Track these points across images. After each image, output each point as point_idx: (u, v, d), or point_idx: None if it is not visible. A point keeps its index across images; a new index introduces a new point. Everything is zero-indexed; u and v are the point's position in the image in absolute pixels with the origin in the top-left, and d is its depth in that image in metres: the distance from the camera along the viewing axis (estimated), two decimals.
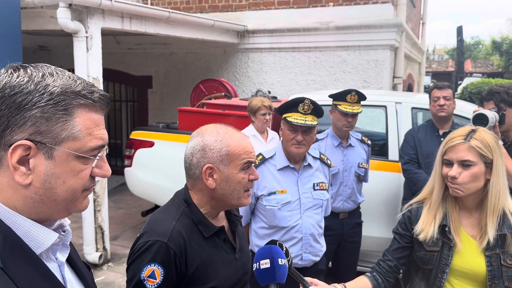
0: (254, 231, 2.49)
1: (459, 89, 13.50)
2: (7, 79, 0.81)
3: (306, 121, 2.32)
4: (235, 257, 1.53)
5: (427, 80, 18.73)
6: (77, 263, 0.98)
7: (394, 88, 6.60)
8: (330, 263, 3.33)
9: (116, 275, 4.34)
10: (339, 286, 1.69)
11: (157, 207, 4.92)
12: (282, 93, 6.61)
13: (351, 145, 3.25)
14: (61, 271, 0.90)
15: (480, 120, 2.66)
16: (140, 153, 4.76)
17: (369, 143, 3.39)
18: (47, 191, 0.83)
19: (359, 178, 3.26)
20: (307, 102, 2.34)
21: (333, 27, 6.27)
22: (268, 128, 4.18)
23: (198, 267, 1.42)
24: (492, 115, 2.72)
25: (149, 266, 1.35)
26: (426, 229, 1.74)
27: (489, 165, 1.67)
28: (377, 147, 4.10)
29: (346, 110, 3.06)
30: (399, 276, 1.95)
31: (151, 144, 4.73)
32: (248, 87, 7.01)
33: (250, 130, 4.02)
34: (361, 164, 3.25)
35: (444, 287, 1.73)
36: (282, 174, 2.43)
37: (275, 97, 5.43)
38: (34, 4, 4.02)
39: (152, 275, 1.35)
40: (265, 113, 3.94)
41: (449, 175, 1.68)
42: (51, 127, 0.81)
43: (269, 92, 5.41)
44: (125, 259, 4.68)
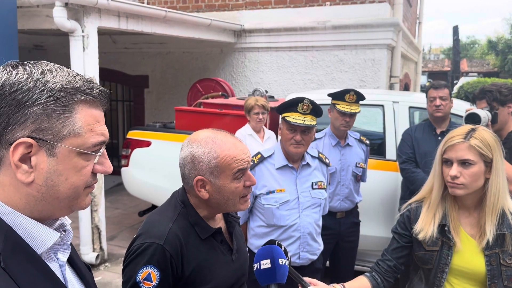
0: (252, 229, 2.49)
1: (455, 88, 13.55)
2: (6, 77, 0.80)
3: (305, 121, 2.31)
4: (232, 258, 1.52)
5: (423, 80, 18.79)
6: (77, 263, 0.97)
7: (391, 87, 6.62)
8: (328, 262, 3.33)
9: (113, 275, 4.33)
10: (338, 286, 1.68)
11: (154, 207, 4.91)
12: (279, 93, 6.61)
13: (349, 144, 3.25)
14: (62, 271, 0.89)
15: (473, 120, 2.66)
16: (137, 153, 4.74)
17: (367, 142, 3.39)
18: (49, 189, 0.82)
19: (357, 177, 3.26)
20: (306, 102, 2.33)
21: (330, 26, 6.28)
22: (265, 127, 4.18)
23: (195, 269, 1.41)
24: (484, 114, 2.72)
25: (145, 268, 1.34)
26: (426, 229, 1.73)
27: (488, 164, 1.66)
28: (374, 146, 4.10)
29: (344, 110, 3.06)
30: (399, 275, 1.94)
31: (148, 144, 4.71)
32: (245, 87, 7.00)
33: (247, 129, 4.02)
34: (359, 164, 3.25)
35: (443, 286, 1.72)
36: (280, 173, 2.43)
37: (272, 97, 5.43)
38: (30, 3, 4.00)
39: (148, 278, 1.34)
40: (258, 112, 3.94)
41: (449, 174, 1.67)
42: (52, 124, 0.80)
43: (266, 91, 5.41)
44: (122, 259, 4.65)
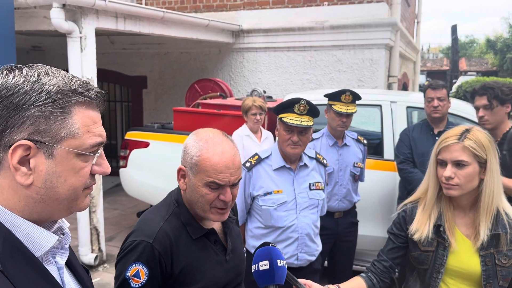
0: (250, 231, 2.49)
1: (454, 87, 13.55)
2: (3, 80, 0.81)
3: (302, 121, 2.31)
4: (225, 258, 1.52)
5: (422, 79, 18.79)
6: (76, 266, 0.98)
7: (389, 87, 6.62)
8: (326, 262, 3.33)
9: (112, 276, 4.28)
10: (333, 287, 1.69)
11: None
12: (278, 93, 6.61)
13: (346, 144, 3.25)
14: (60, 274, 0.90)
15: None
16: (135, 154, 4.74)
17: (365, 142, 3.39)
18: (48, 191, 0.83)
19: (355, 177, 3.27)
20: (303, 102, 2.33)
21: (328, 26, 6.28)
22: (263, 128, 4.18)
23: (184, 268, 1.42)
24: None
25: (134, 265, 1.37)
26: (421, 229, 1.74)
27: (483, 165, 1.67)
28: (372, 146, 4.10)
29: (340, 110, 3.06)
30: (395, 275, 1.95)
31: (146, 145, 4.71)
32: (243, 87, 7.00)
33: (244, 130, 4.02)
34: (357, 164, 3.26)
35: (439, 287, 1.73)
36: (278, 174, 2.42)
37: (270, 97, 5.43)
38: (28, 4, 3.99)
39: (136, 275, 1.36)
40: (255, 113, 3.93)
41: (443, 175, 1.68)
42: (50, 126, 0.81)
43: (265, 91, 5.41)
44: None
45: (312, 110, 2.36)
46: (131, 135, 4.87)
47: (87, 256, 4.43)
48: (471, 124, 3.64)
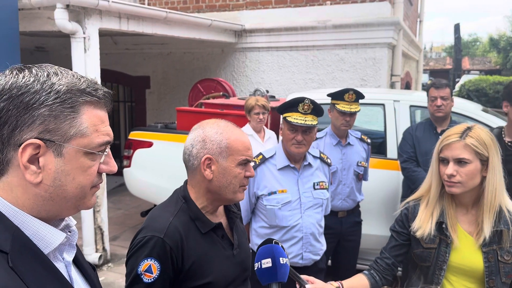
0: (255, 230, 2.49)
1: (457, 86, 13.53)
2: (13, 80, 0.82)
3: (306, 121, 2.32)
4: (233, 253, 1.55)
5: (425, 78, 18.77)
6: (83, 263, 0.99)
7: (392, 86, 6.61)
8: (330, 261, 3.34)
9: (116, 275, 4.34)
10: (336, 284, 1.71)
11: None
12: (280, 92, 6.61)
13: (350, 143, 3.26)
14: (68, 271, 0.91)
15: None
16: (139, 154, 4.76)
17: (368, 141, 3.39)
18: (57, 189, 0.84)
19: (358, 176, 3.27)
20: (307, 102, 2.34)
21: (330, 25, 6.28)
22: (265, 127, 4.18)
23: (195, 263, 1.44)
24: None
25: (145, 260, 1.38)
26: (424, 226, 1.75)
27: (485, 162, 1.68)
28: (375, 145, 4.11)
29: (344, 109, 3.07)
30: (397, 273, 1.96)
31: (149, 145, 4.72)
32: (246, 87, 7.00)
33: (247, 130, 4.01)
34: (360, 163, 3.26)
35: (442, 283, 1.74)
36: (282, 174, 2.43)
37: (273, 96, 5.44)
38: (32, 5, 4.01)
39: (148, 270, 1.38)
40: (258, 112, 3.94)
41: (445, 173, 1.69)
42: (59, 125, 0.82)
43: (267, 91, 5.42)
44: (125, 259, 4.67)
45: (316, 109, 2.37)
46: (135, 135, 4.88)
47: (91, 256, 4.45)
48: (474, 122, 3.65)
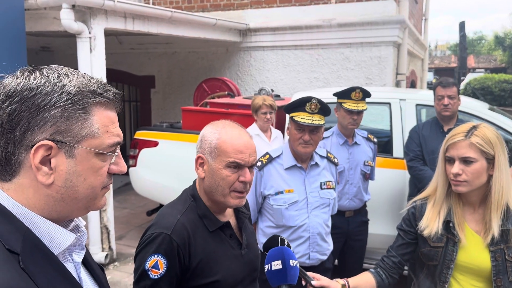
0: (262, 230, 2.49)
1: (462, 85, 13.47)
2: (24, 82, 0.82)
3: (313, 120, 2.31)
4: (241, 253, 1.54)
5: (430, 76, 18.69)
6: (91, 264, 0.99)
7: (397, 84, 6.59)
8: (336, 261, 3.33)
9: (122, 274, 4.35)
10: (341, 281, 1.71)
11: (161, 206, 4.93)
12: (285, 91, 6.61)
13: (356, 143, 3.25)
14: (77, 271, 0.91)
15: None
16: (145, 153, 4.77)
17: (375, 140, 3.38)
18: (68, 190, 0.84)
19: (365, 176, 3.26)
20: (314, 101, 2.33)
21: (335, 24, 6.26)
22: (272, 126, 4.18)
23: (202, 261, 1.45)
24: None
25: (153, 257, 1.40)
26: (431, 225, 1.76)
27: (491, 161, 1.68)
28: (381, 144, 4.09)
29: (351, 108, 3.05)
30: (404, 272, 1.96)
31: (155, 144, 4.73)
32: (251, 86, 7.00)
33: (254, 129, 4.01)
34: (367, 162, 3.25)
35: (449, 282, 1.74)
36: (289, 174, 2.43)
37: (278, 96, 5.43)
38: (38, 5, 4.03)
39: (155, 266, 1.39)
40: (266, 111, 3.93)
41: (451, 172, 1.70)
42: (71, 126, 0.83)
43: (272, 90, 5.41)
44: (131, 258, 4.69)
45: (324, 109, 2.36)
46: (140, 134, 4.90)
47: (97, 255, 4.47)
48: (480, 121, 3.63)
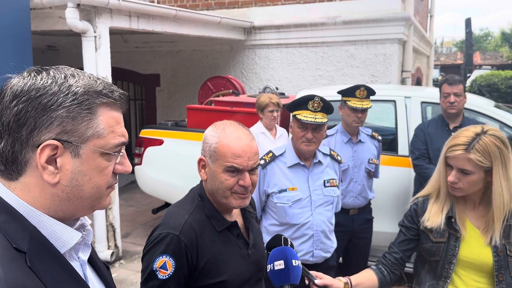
0: (265, 228, 2.50)
1: (468, 81, 13.38)
2: (31, 82, 0.83)
3: (316, 118, 2.31)
4: (248, 252, 1.55)
5: (436, 74, 18.58)
6: (97, 262, 1.00)
7: (403, 82, 6.56)
8: (341, 258, 3.33)
9: (128, 272, 4.38)
10: (344, 280, 1.72)
11: (167, 204, 4.96)
12: (290, 89, 6.60)
13: (361, 141, 3.24)
14: (83, 270, 0.92)
15: None
16: (150, 151, 4.79)
17: (379, 138, 3.37)
18: (74, 189, 0.85)
19: (370, 174, 3.25)
20: (316, 99, 2.33)
21: (340, 21, 6.24)
22: (277, 125, 4.18)
23: (209, 260, 1.45)
24: None
25: (161, 257, 1.40)
26: (433, 219, 1.78)
27: (489, 172, 1.68)
28: (386, 142, 4.08)
29: (355, 106, 3.05)
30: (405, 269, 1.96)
31: (160, 142, 4.75)
32: (255, 84, 7.00)
33: (259, 127, 4.01)
34: (371, 160, 3.24)
35: (451, 278, 1.75)
36: (292, 172, 2.43)
37: (282, 94, 5.43)
38: (43, 5, 4.05)
39: (163, 266, 1.39)
40: (272, 110, 3.93)
41: (448, 180, 1.72)
42: (77, 126, 0.84)
43: (277, 88, 5.41)
44: (137, 256, 4.72)
45: (326, 107, 2.36)
46: (146, 133, 4.92)
47: (103, 253, 4.50)
48: (486, 119, 3.61)
